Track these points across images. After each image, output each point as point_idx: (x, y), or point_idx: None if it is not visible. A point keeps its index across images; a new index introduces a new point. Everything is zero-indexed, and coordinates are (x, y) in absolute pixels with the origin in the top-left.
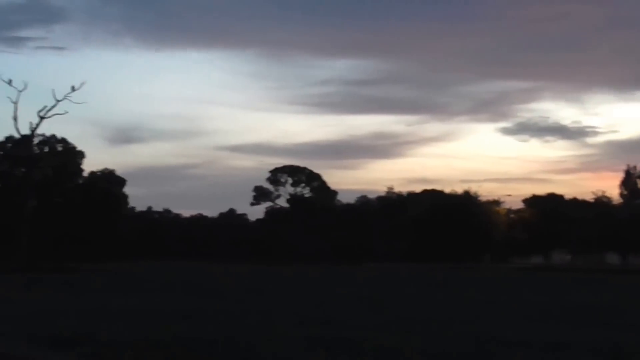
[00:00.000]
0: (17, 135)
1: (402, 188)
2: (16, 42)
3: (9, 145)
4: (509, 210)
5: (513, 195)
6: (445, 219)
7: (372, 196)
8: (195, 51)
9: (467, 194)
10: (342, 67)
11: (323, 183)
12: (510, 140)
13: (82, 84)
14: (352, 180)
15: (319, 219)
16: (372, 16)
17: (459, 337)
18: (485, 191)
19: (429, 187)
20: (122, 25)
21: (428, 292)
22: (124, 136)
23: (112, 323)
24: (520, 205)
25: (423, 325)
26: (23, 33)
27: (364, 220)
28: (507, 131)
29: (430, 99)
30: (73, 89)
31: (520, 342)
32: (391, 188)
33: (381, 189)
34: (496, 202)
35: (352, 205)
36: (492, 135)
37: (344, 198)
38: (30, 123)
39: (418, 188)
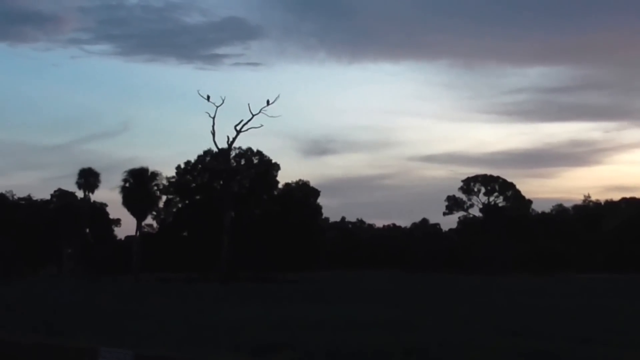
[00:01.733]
0: (215, 149)
1: (600, 196)
2: (214, 59)
3: (208, 158)
4: None
5: None
6: None
7: (568, 205)
8: (387, 63)
9: None
10: (535, 74)
11: (517, 192)
12: None
13: (276, 98)
14: (547, 189)
15: (514, 229)
16: (565, 21)
17: None
18: None
19: (628, 195)
20: (316, 39)
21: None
22: (318, 148)
23: (309, 332)
24: None
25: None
26: (221, 50)
27: (560, 229)
28: None
29: (629, 105)
30: (268, 102)
31: None
32: (588, 196)
33: (578, 198)
34: None
35: (548, 214)
36: None
37: (539, 207)
38: (228, 137)
39: (616, 196)
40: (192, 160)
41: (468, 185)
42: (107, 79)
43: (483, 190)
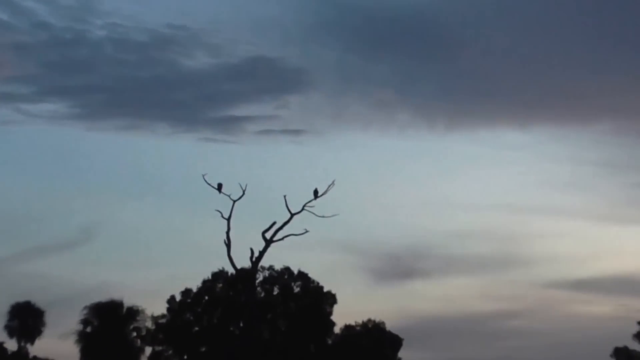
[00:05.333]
0: (231, 269)
1: None
2: (230, 125)
3: (220, 284)
4: None
5: None
6: None
7: None
8: (508, 130)
9: None
10: None
11: None
12: None
13: (330, 186)
14: None
15: None
16: None
17: None
18: None
19: None
20: (393, 91)
21: None
22: (398, 268)
23: None
24: None
25: None
26: (240, 110)
27: None
28: None
29: None
30: (316, 194)
31: None
32: None
33: None
34: None
35: None
36: None
37: None
38: (252, 250)
39: None
40: (194, 289)
41: None
42: (58, 157)
43: None
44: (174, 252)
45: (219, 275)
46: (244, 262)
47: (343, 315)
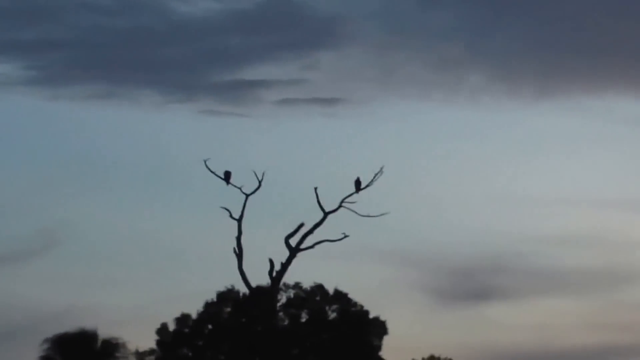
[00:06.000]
0: (243, 287)
1: None
2: (240, 92)
3: (228, 309)
4: None
5: None
6: None
7: None
8: (624, 95)
9: None
10: None
11: None
12: None
13: (377, 174)
14: None
15: None
16: None
17: None
18: None
19: None
20: (462, 48)
21: None
22: (469, 286)
23: None
24: None
25: None
26: (253, 73)
27: None
28: None
29: None
30: (358, 185)
31: None
32: None
33: None
34: None
35: None
36: None
37: None
38: (271, 261)
39: None
40: (194, 314)
41: None
42: (8, 134)
43: None
44: (167, 265)
45: (227, 295)
46: (260, 278)
47: (396, 350)
